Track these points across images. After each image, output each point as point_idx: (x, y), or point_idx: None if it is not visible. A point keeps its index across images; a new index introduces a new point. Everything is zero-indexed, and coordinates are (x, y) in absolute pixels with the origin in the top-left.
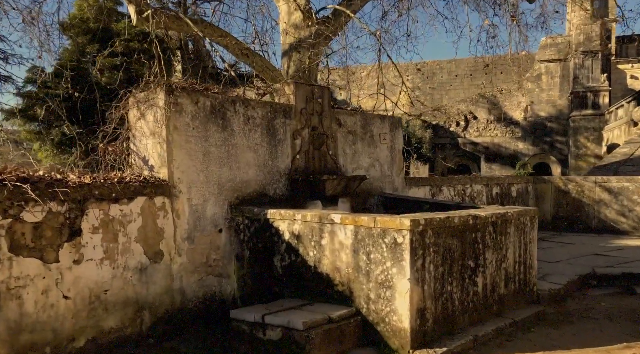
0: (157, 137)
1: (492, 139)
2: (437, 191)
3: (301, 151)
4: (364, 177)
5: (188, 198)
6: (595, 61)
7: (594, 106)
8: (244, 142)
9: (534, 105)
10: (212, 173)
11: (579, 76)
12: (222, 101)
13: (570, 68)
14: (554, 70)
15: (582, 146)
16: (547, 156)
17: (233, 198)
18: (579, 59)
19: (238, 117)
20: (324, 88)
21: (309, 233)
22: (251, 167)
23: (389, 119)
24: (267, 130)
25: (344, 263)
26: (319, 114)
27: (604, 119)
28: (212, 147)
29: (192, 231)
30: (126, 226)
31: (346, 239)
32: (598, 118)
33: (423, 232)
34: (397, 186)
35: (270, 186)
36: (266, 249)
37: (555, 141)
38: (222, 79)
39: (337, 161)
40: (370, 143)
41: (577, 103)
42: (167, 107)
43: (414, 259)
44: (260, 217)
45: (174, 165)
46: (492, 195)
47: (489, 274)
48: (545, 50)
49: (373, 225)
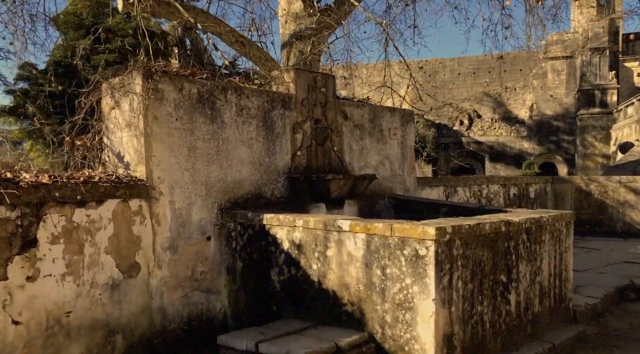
0: (133, 130)
1: (496, 138)
2: (452, 191)
3: (302, 147)
4: (373, 177)
5: (170, 201)
6: (603, 58)
7: (601, 104)
8: (236, 136)
9: (539, 103)
10: (199, 172)
11: (587, 74)
12: (210, 88)
13: (577, 65)
14: (560, 67)
15: (589, 145)
16: (553, 155)
17: (224, 201)
18: (587, 56)
19: (230, 107)
20: (328, 76)
21: (312, 242)
22: (245, 165)
23: (400, 113)
24: (263, 122)
25: (354, 279)
26: (323, 106)
27: (612, 117)
28: (199, 141)
29: (175, 240)
30: (94, 235)
31: (356, 250)
32: (606, 117)
33: (450, 242)
34: (408, 187)
35: (266, 186)
36: (262, 260)
37: (561, 140)
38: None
39: (343, 158)
40: (379, 139)
41: (584, 101)
42: (145, 94)
43: (440, 276)
44: (255, 223)
45: (154, 162)
46: (510, 196)
47: (523, 289)
48: (551, 47)
49: (389, 233)
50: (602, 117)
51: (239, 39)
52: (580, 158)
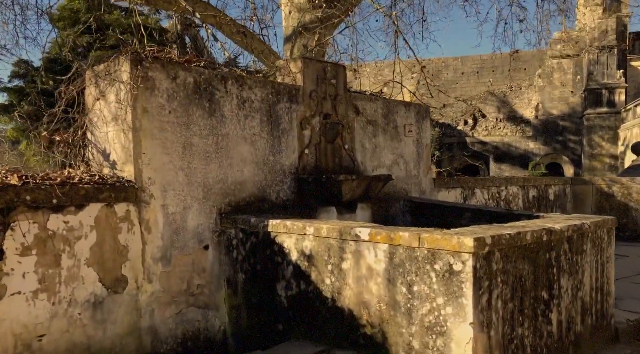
0: (120, 124)
1: (501, 138)
2: (470, 193)
3: (310, 144)
4: (389, 178)
5: (162, 205)
6: (611, 57)
7: (609, 103)
8: (237, 132)
9: (545, 103)
10: (196, 172)
11: (594, 72)
12: (208, 77)
13: (583, 64)
14: (566, 66)
15: (596, 146)
16: (559, 155)
17: (223, 204)
18: (594, 55)
19: (230, 100)
20: (339, 66)
21: (324, 253)
22: (247, 165)
23: (415, 108)
24: (267, 117)
25: (375, 297)
26: (333, 99)
27: (620, 117)
28: (195, 137)
29: (168, 249)
30: (73, 245)
31: (377, 263)
32: (614, 116)
33: (489, 255)
34: (424, 189)
35: (271, 188)
36: (267, 272)
37: (567, 140)
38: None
39: (355, 157)
40: (393, 136)
41: (591, 100)
42: (133, 83)
43: (478, 295)
44: (258, 230)
45: (143, 160)
46: (529, 198)
47: (564, 307)
48: (557, 46)
49: (417, 244)
50: (610, 116)
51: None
52: (587, 158)
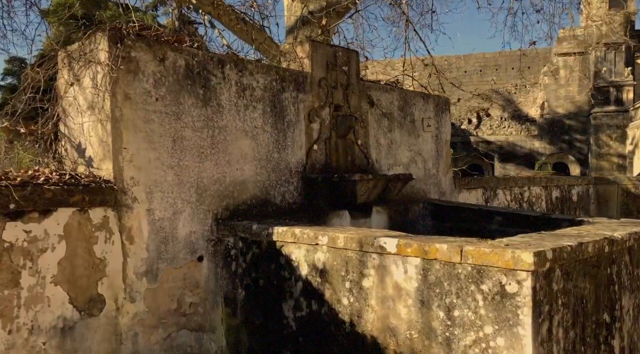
0: (97, 113)
1: (506, 137)
2: (492, 194)
3: (320, 139)
4: (409, 177)
5: (148, 209)
6: (619, 54)
7: (617, 101)
8: (237, 124)
9: (551, 101)
10: (188, 170)
11: (601, 70)
12: (203, 60)
13: (590, 62)
14: (572, 64)
15: (604, 145)
16: (565, 155)
17: (220, 208)
18: (601, 52)
19: (228, 87)
20: (351, 52)
21: (341, 268)
22: (248, 162)
23: (434, 100)
24: (271, 107)
25: (404, 322)
26: (344, 88)
27: (629, 115)
28: (187, 129)
29: (155, 262)
30: (36, 259)
31: (407, 281)
32: (622, 115)
33: (549, 273)
34: (444, 189)
35: (275, 189)
36: (271, 288)
37: (574, 140)
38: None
39: (369, 154)
40: (410, 131)
41: (598, 99)
42: (112, 64)
43: (538, 323)
44: (262, 239)
45: (125, 157)
46: (552, 199)
47: (627, 331)
48: (563, 43)
49: (459, 259)
50: (618, 115)
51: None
52: (594, 158)
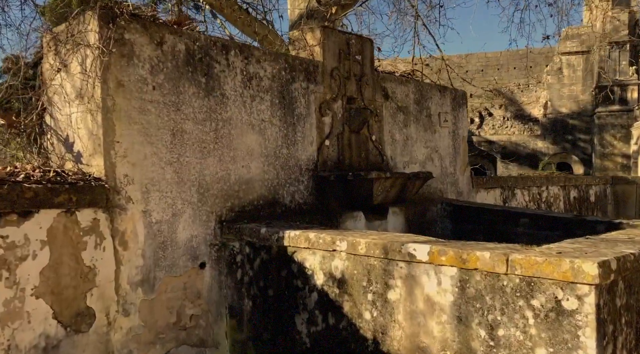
0: (87, 102)
1: (509, 137)
2: (510, 194)
3: (332, 134)
4: (429, 176)
5: (144, 211)
6: (623, 53)
7: (621, 101)
8: (242, 117)
9: (554, 101)
10: (189, 167)
11: (605, 69)
12: (205, 45)
13: (594, 61)
14: (576, 63)
15: (608, 145)
16: (568, 155)
17: (225, 210)
18: (605, 51)
19: (233, 75)
20: (365, 40)
21: (362, 277)
22: (254, 159)
23: (451, 93)
24: (280, 99)
25: (437, 341)
26: (358, 79)
27: (633, 115)
28: (188, 122)
29: (152, 270)
30: (14, 268)
31: (441, 293)
32: (626, 114)
33: (613, 286)
34: (461, 189)
35: (284, 188)
36: (282, 299)
37: (577, 139)
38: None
39: (383, 151)
40: (427, 126)
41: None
42: (104, 47)
43: (603, 346)
44: (271, 244)
45: (118, 151)
46: (570, 200)
47: None
48: (567, 41)
49: (504, 269)
50: (622, 114)
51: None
52: (598, 158)
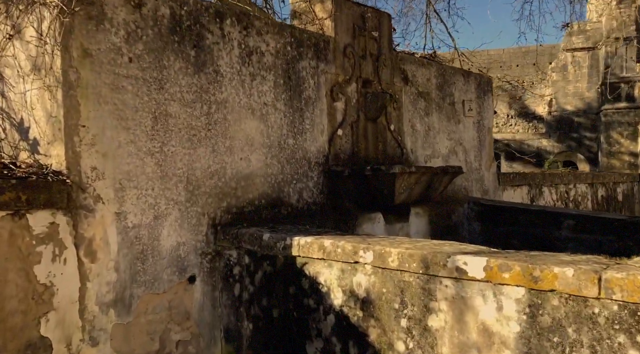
0: (44, 76)
1: (513, 135)
2: (537, 193)
3: (345, 123)
4: (458, 171)
5: (118, 213)
6: (630, 49)
7: (628, 98)
8: (241, 100)
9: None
10: (175, 159)
11: (611, 66)
12: (195, 10)
13: (600, 57)
14: (581, 59)
15: (615, 143)
16: (573, 153)
17: (219, 211)
18: (611, 47)
19: (229, 49)
20: (382, 14)
21: (393, 297)
22: (255, 150)
23: (475, 79)
24: (285, 79)
25: None
26: (375, 59)
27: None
28: (173, 104)
29: (128, 286)
30: None
31: (502, 322)
32: (633, 111)
33: None
34: (487, 187)
35: (291, 186)
36: (290, 322)
37: (583, 137)
38: None
39: (403, 143)
40: (450, 115)
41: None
42: (64, 6)
43: None
44: (276, 253)
45: (83, 138)
46: (598, 198)
47: None
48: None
49: (596, 292)
50: (629, 112)
51: None
52: (604, 156)
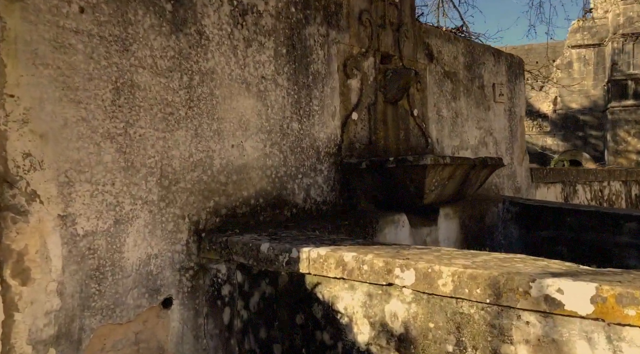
0: None
1: None
2: (571, 191)
3: (361, 105)
4: (498, 163)
5: (63, 216)
6: (638, 45)
7: (635, 95)
8: (232, 70)
9: (564, 96)
10: (144, 144)
11: (618, 63)
12: None
13: (606, 54)
14: (587, 56)
15: (621, 141)
16: (579, 152)
17: (205, 213)
18: (618, 43)
19: (217, 5)
20: None
21: (445, 335)
22: (251, 135)
23: (506, 59)
24: (288, 48)
25: None
26: (395, 29)
27: None
28: (143, 72)
29: (77, 316)
30: None
31: None
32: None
33: None
34: (519, 184)
35: (295, 181)
36: None
37: (588, 136)
38: None
39: (428, 131)
40: (479, 100)
41: (615, 93)
42: None
43: None
44: (278, 268)
45: (11, 113)
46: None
47: None
48: (577, 34)
49: None
50: (637, 109)
51: None
52: (611, 155)
